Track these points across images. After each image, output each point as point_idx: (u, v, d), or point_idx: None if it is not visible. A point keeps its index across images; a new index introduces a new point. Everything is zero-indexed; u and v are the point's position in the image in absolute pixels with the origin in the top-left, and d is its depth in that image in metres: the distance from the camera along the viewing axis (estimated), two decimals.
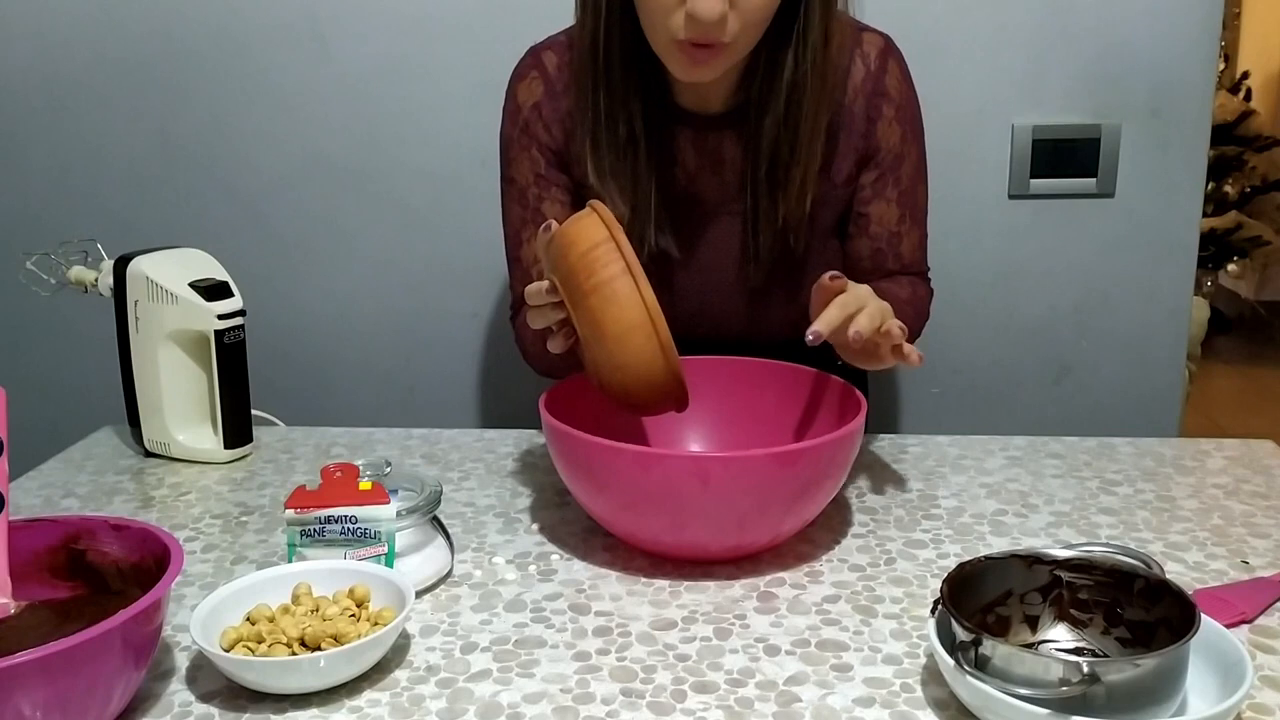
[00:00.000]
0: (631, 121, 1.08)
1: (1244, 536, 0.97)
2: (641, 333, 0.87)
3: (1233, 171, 4.39)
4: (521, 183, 1.16)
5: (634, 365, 0.88)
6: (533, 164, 1.15)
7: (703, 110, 1.11)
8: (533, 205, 1.15)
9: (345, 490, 0.87)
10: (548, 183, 1.15)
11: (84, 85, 1.62)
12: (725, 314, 1.20)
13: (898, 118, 1.12)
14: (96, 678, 0.67)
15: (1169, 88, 1.51)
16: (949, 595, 0.72)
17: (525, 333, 1.15)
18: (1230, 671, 0.69)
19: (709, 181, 1.13)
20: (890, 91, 1.11)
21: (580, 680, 0.77)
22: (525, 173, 1.15)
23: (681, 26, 0.95)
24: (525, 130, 1.14)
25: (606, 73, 1.05)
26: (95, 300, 1.23)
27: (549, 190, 1.15)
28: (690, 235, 1.16)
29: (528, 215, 1.16)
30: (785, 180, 1.08)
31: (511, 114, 1.16)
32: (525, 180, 1.15)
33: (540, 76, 1.14)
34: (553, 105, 1.13)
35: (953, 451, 1.18)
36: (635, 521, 0.92)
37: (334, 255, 1.66)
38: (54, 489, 1.13)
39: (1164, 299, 1.59)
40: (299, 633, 0.76)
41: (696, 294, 1.18)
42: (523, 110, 1.14)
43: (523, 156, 1.15)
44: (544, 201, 1.15)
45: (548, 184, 1.15)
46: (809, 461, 0.88)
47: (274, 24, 1.57)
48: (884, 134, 1.12)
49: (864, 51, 1.10)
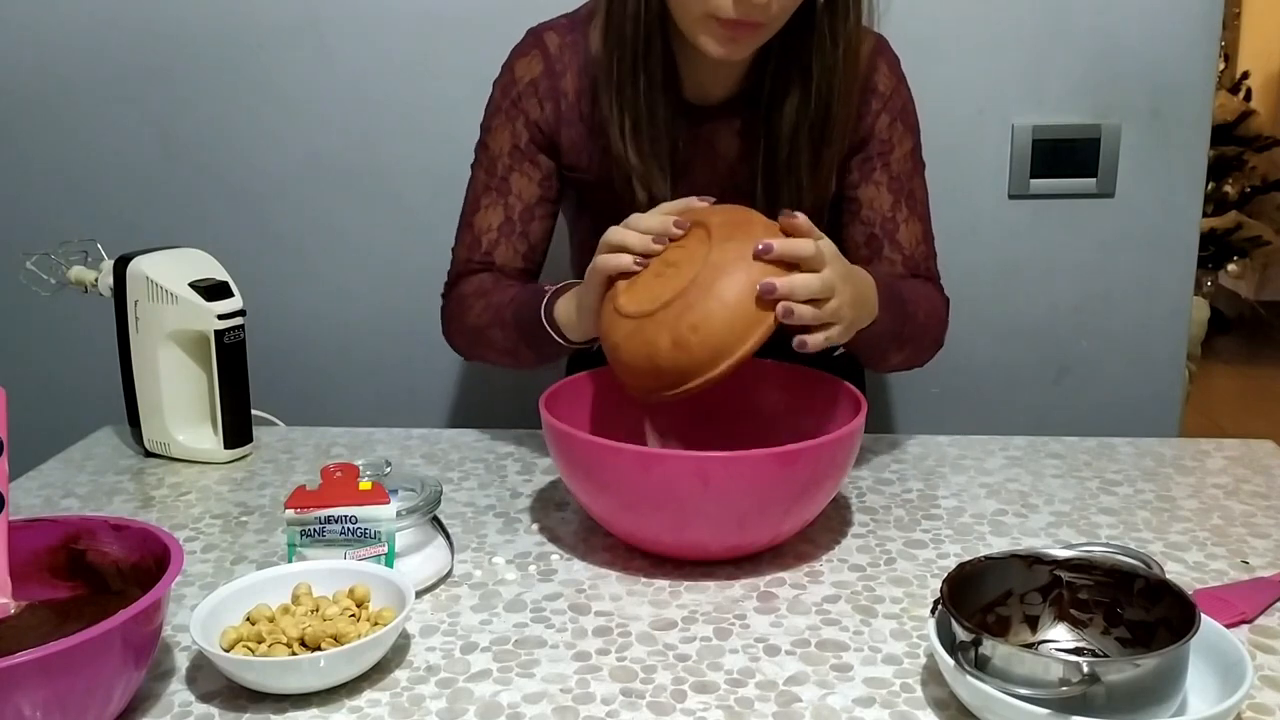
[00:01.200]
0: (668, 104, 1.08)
1: (1244, 536, 0.97)
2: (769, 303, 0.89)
3: (1233, 171, 4.39)
4: (495, 151, 1.16)
5: (741, 308, 0.88)
6: (514, 136, 1.15)
7: (701, 101, 1.12)
8: (500, 175, 1.16)
9: (345, 490, 0.87)
10: (523, 156, 1.15)
11: (84, 85, 1.62)
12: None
13: (885, 109, 1.13)
14: (96, 678, 0.67)
15: (1169, 88, 1.51)
16: (949, 595, 0.72)
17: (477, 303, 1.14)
18: (1230, 671, 0.69)
19: (700, 173, 1.14)
20: (878, 87, 1.13)
21: (580, 680, 0.77)
22: (503, 142, 1.16)
23: (729, 6, 0.96)
24: (516, 103, 1.15)
25: (645, 59, 1.05)
26: (95, 300, 1.23)
27: (521, 164, 1.15)
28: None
29: (493, 184, 1.16)
30: (816, 162, 1.09)
31: (504, 86, 1.16)
32: (500, 149, 1.16)
33: (541, 55, 1.14)
34: (550, 84, 1.13)
35: (953, 451, 1.18)
36: (635, 521, 0.92)
37: (334, 255, 1.66)
38: (54, 489, 1.13)
39: (1164, 299, 1.59)
40: (299, 633, 0.76)
41: None
42: (518, 84, 1.15)
43: (505, 127, 1.15)
44: (513, 173, 1.15)
45: (522, 158, 1.15)
46: (809, 461, 0.88)
47: (274, 24, 1.57)
48: (871, 123, 1.13)
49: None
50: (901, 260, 1.15)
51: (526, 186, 1.15)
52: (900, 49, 1.17)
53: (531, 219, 1.16)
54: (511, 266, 1.17)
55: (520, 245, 1.16)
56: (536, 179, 1.16)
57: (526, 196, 1.16)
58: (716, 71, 1.10)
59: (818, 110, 1.07)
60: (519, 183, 1.15)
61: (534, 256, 1.18)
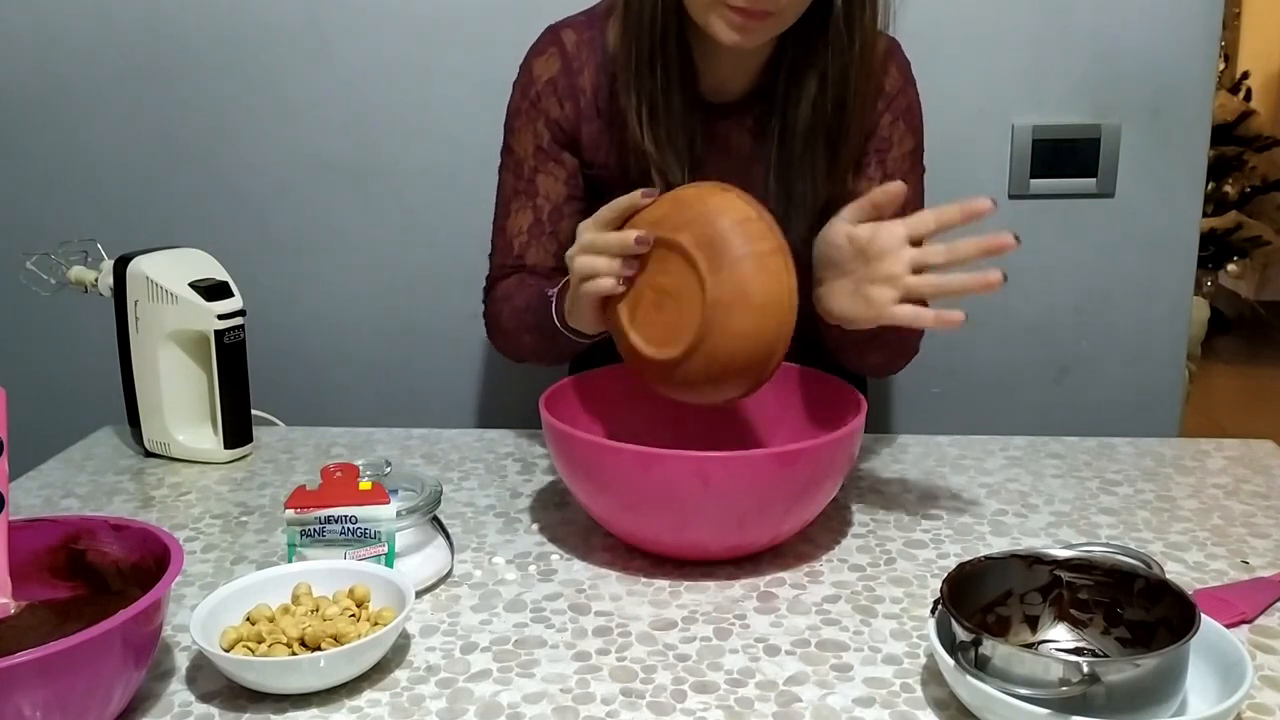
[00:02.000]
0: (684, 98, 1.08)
1: (1244, 536, 0.97)
2: (780, 310, 0.90)
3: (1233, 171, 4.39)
4: (520, 154, 1.16)
5: (761, 337, 0.90)
6: (536, 137, 1.15)
7: (717, 98, 1.12)
8: (527, 177, 1.16)
9: (345, 490, 0.87)
10: (546, 157, 1.15)
11: (84, 85, 1.62)
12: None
13: (889, 108, 1.13)
14: (96, 678, 0.67)
15: (1169, 88, 1.51)
16: (949, 595, 0.72)
17: (505, 307, 1.15)
18: (1230, 671, 0.69)
19: (713, 169, 1.13)
20: (884, 87, 1.13)
21: (580, 680, 0.77)
22: (526, 144, 1.16)
23: None
24: (535, 104, 1.15)
25: (663, 47, 1.05)
26: (95, 300, 1.23)
27: (546, 164, 1.15)
28: None
29: (520, 186, 1.16)
30: (831, 161, 1.09)
31: (523, 87, 1.16)
32: (524, 151, 1.16)
33: (558, 53, 1.14)
34: (569, 82, 1.13)
35: (953, 451, 1.18)
36: (635, 521, 0.92)
37: (334, 255, 1.66)
38: (54, 489, 1.13)
39: (1164, 299, 1.59)
40: (299, 633, 0.76)
41: None
42: (536, 84, 1.15)
43: (527, 129, 1.15)
44: (539, 174, 1.16)
45: (546, 158, 1.15)
46: (809, 461, 0.88)
47: (274, 24, 1.57)
48: (874, 121, 1.13)
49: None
50: None
51: (553, 186, 1.16)
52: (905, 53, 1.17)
53: (560, 218, 1.16)
54: (544, 266, 1.17)
55: (550, 245, 1.16)
56: (562, 178, 1.16)
57: (554, 196, 1.16)
58: (733, 67, 1.10)
59: (835, 109, 1.07)
60: (545, 183, 1.15)
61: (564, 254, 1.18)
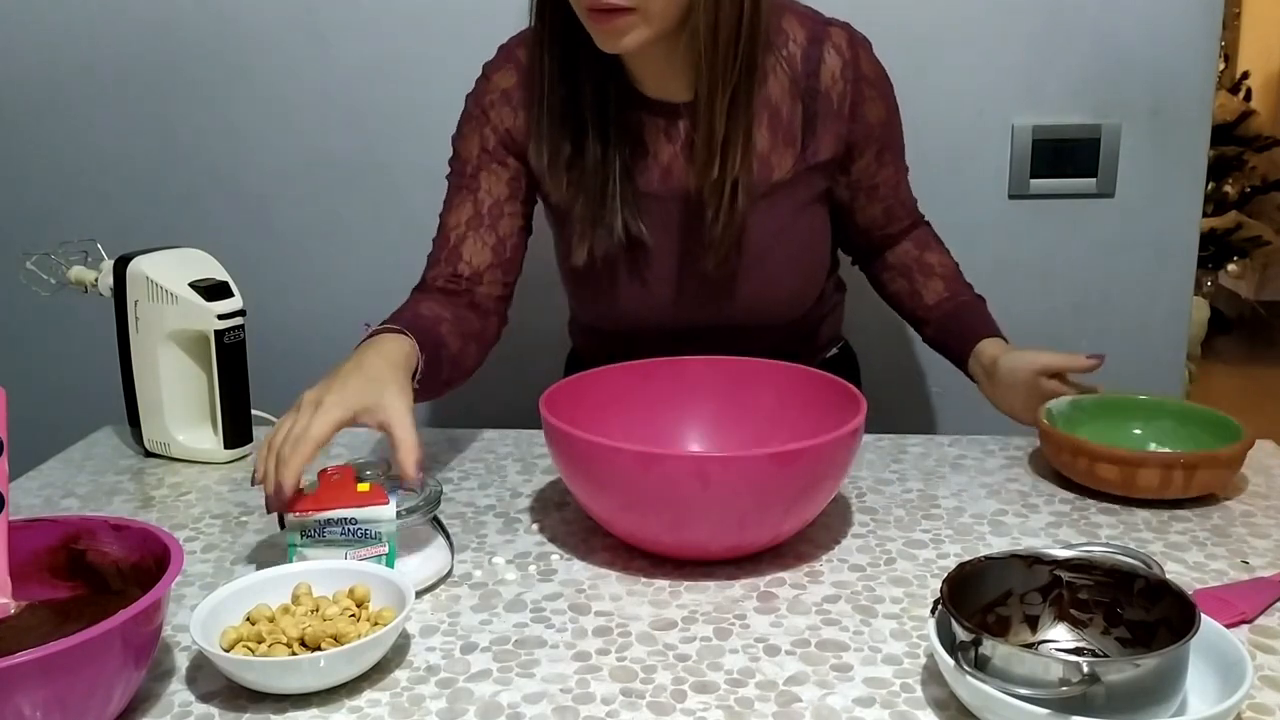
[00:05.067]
0: (581, 110, 1.11)
1: (1244, 536, 0.97)
2: None
3: (1233, 171, 4.39)
4: (464, 155, 1.19)
5: None
6: (481, 140, 1.17)
7: (669, 99, 1.14)
8: (469, 174, 1.18)
9: (345, 491, 0.87)
10: (491, 158, 1.17)
11: (84, 85, 1.62)
12: (700, 300, 1.20)
13: (879, 96, 1.17)
14: (96, 678, 0.67)
15: (1169, 88, 1.51)
16: (949, 595, 0.72)
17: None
18: (1230, 671, 0.69)
19: (683, 170, 1.15)
20: (868, 74, 1.16)
21: (580, 680, 0.77)
22: (472, 147, 1.18)
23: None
24: (485, 110, 1.17)
25: (550, 59, 1.09)
26: (95, 300, 1.23)
27: (490, 164, 1.17)
28: (666, 223, 1.17)
29: (463, 183, 1.18)
30: (728, 163, 1.10)
31: (477, 95, 1.19)
32: (468, 153, 1.18)
33: (514, 68, 1.17)
34: (524, 94, 1.16)
35: (953, 451, 1.18)
36: (635, 521, 0.92)
37: (334, 255, 1.66)
38: (54, 489, 1.13)
39: (1164, 299, 1.59)
40: (299, 633, 0.76)
41: (673, 281, 1.19)
42: (490, 93, 1.17)
43: (474, 133, 1.18)
44: (482, 172, 1.17)
45: (490, 159, 1.17)
46: (809, 461, 0.88)
47: (274, 23, 1.57)
48: (871, 112, 1.16)
49: (835, 43, 1.14)
50: (905, 215, 1.27)
51: (496, 185, 1.17)
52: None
53: (501, 215, 1.18)
54: (480, 261, 1.17)
55: (489, 238, 1.17)
56: (505, 178, 1.18)
57: (496, 193, 1.17)
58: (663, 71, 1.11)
59: (734, 110, 1.08)
60: (488, 180, 1.17)
61: (503, 250, 1.18)
